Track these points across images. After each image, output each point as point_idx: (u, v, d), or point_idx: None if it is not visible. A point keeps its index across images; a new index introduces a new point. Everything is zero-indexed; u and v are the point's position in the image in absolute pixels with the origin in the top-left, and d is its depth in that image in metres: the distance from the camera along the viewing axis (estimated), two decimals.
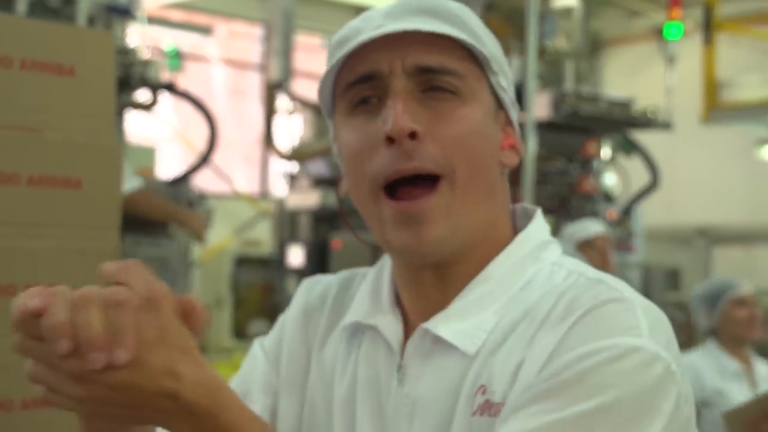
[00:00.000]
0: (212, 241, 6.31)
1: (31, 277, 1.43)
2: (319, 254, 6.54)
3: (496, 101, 1.11)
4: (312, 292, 1.25)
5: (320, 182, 6.81)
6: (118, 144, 1.59)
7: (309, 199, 6.79)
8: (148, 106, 4.95)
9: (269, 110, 6.65)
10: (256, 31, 9.85)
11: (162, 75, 5.01)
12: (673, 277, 7.08)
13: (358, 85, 1.07)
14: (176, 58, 6.17)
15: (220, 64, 9.66)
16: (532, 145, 4.53)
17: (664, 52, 6.46)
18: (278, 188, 8.35)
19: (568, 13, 7.13)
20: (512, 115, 1.14)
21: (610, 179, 6.36)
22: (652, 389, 0.95)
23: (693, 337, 6.31)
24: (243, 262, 7.54)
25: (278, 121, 6.77)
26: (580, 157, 5.65)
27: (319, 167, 6.74)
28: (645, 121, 5.88)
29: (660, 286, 6.62)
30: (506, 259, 1.09)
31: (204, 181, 6.09)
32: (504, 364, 1.02)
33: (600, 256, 4.44)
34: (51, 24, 1.67)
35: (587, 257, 4.20)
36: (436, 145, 1.04)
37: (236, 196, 7.58)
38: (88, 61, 1.53)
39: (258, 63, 9.77)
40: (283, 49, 6.87)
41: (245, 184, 9.06)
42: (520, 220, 1.16)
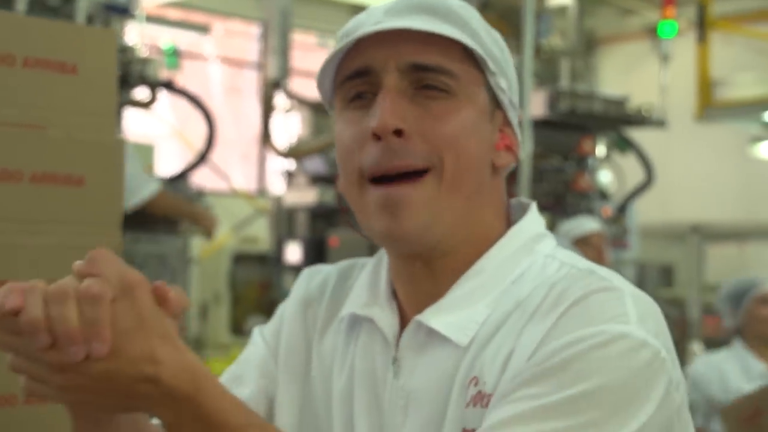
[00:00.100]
0: None
1: (33, 274, 1.38)
2: (317, 251, 6.52)
3: (494, 102, 1.10)
4: (311, 282, 1.26)
5: (317, 180, 6.78)
6: (121, 141, 1.58)
7: (306, 196, 6.76)
8: (147, 104, 4.93)
9: (267, 108, 6.62)
10: (253, 30, 9.84)
11: (160, 73, 4.98)
12: (667, 274, 7.09)
13: (354, 79, 1.08)
14: (174, 57, 6.14)
15: (218, 62, 9.64)
16: (528, 143, 4.55)
17: (659, 51, 6.45)
18: (276, 186, 8.32)
19: (563, 11, 7.14)
20: (511, 116, 1.12)
21: (606, 177, 6.33)
22: (639, 375, 0.95)
23: (686, 334, 6.35)
24: (241, 259, 7.51)
25: (276, 119, 6.76)
26: (576, 155, 5.64)
27: (317, 165, 6.72)
28: (640, 119, 5.88)
29: (654, 283, 6.63)
30: (499, 252, 1.10)
31: (202, 179, 6.09)
32: (495, 355, 1.02)
33: (595, 253, 4.46)
34: (54, 22, 1.68)
35: (583, 254, 4.18)
36: (423, 142, 1.04)
37: (234, 194, 7.55)
38: (91, 59, 1.53)
39: (255, 61, 9.75)
40: (281, 48, 6.84)
41: (243, 182, 9.02)
42: (516, 214, 1.15)
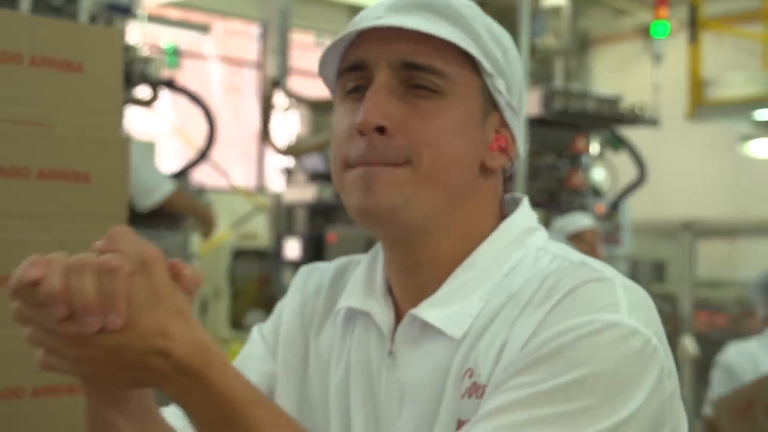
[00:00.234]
0: None
1: None
2: (315, 247, 6.55)
3: (491, 103, 1.10)
4: (309, 279, 1.27)
5: (316, 177, 6.80)
6: (126, 138, 1.60)
7: (305, 193, 6.79)
8: (148, 103, 4.92)
9: (266, 107, 6.65)
10: (252, 30, 9.88)
11: (161, 72, 4.98)
12: (659, 270, 7.12)
13: (351, 72, 1.08)
14: (174, 56, 6.15)
15: (217, 61, 9.68)
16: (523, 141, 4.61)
17: (651, 51, 6.44)
18: (275, 183, 8.37)
19: (557, 11, 7.14)
20: (508, 117, 1.12)
21: (599, 174, 6.32)
22: (630, 363, 0.95)
23: (678, 328, 6.42)
24: (240, 255, 7.46)
25: (275, 118, 6.81)
26: (570, 153, 5.61)
27: (315, 162, 6.74)
28: (632, 118, 5.86)
29: (646, 278, 6.67)
30: (491, 246, 1.10)
31: (202, 176, 6.14)
32: (489, 346, 1.03)
33: (589, 249, 4.50)
34: (60, 21, 1.69)
35: (577, 249, 4.29)
36: (405, 139, 1.04)
37: (233, 191, 7.57)
38: (96, 58, 1.55)
39: (254, 61, 9.80)
40: (280, 47, 6.87)
41: (242, 179, 9.03)
42: (509, 209, 1.16)
